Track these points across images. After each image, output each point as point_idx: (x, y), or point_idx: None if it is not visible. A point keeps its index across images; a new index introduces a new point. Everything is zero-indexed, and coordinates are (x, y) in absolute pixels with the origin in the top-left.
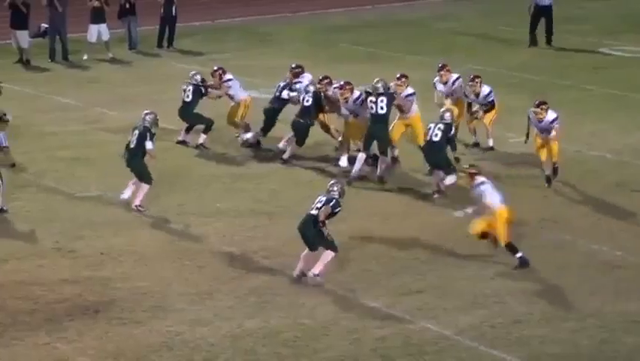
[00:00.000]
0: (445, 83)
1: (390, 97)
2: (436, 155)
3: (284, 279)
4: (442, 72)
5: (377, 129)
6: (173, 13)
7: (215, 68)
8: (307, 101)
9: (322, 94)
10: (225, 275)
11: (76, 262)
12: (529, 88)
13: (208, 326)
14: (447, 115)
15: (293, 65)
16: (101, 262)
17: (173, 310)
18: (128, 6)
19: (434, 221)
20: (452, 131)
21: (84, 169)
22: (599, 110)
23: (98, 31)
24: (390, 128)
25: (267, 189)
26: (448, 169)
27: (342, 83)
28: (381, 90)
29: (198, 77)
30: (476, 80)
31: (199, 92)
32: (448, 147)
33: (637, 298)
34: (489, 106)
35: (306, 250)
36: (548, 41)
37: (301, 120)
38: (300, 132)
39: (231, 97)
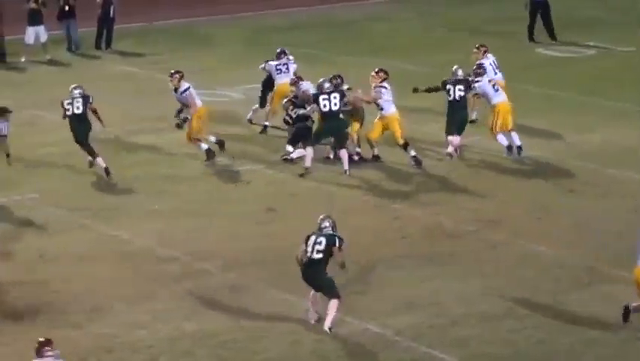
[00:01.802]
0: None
1: (342, 94)
2: (461, 113)
3: (222, 280)
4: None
5: (333, 125)
6: (111, 15)
7: (173, 71)
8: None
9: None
10: (163, 277)
11: (13, 265)
12: None
13: (146, 328)
14: (459, 72)
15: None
16: (39, 264)
17: (111, 312)
18: (67, 8)
19: (371, 224)
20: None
21: (17, 171)
22: (535, 109)
23: (35, 33)
24: (372, 127)
25: (202, 191)
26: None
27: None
28: (331, 88)
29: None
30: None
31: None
32: None
33: (574, 299)
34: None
35: (312, 291)
36: (551, 36)
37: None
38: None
39: (193, 107)
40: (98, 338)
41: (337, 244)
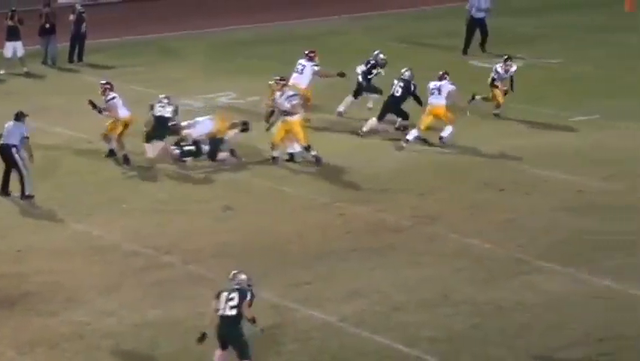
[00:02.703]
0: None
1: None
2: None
3: (184, 272)
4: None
5: None
6: (82, 30)
7: (103, 81)
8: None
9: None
10: (131, 269)
11: None
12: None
13: (115, 316)
14: (407, 73)
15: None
16: (17, 258)
17: (83, 302)
18: (48, 26)
19: (318, 221)
20: (413, 88)
21: None
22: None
23: (13, 48)
24: (274, 130)
25: (166, 191)
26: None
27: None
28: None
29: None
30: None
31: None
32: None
33: (504, 287)
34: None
35: (219, 351)
36: (482, 48)
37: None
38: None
39: (112, 113)
40: (71, 325)
41: (248, 299)
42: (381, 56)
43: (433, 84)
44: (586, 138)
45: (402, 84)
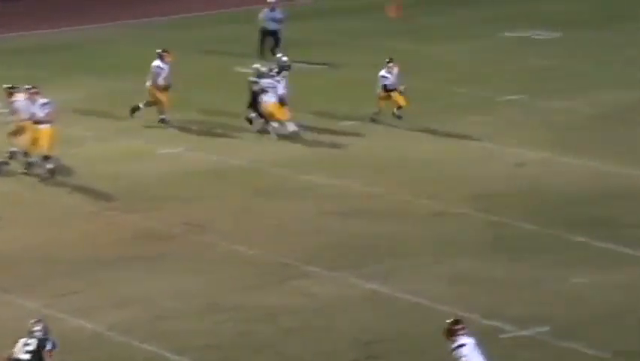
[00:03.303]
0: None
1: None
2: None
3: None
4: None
5: None
6: None
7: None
8: None
9: None
10: None
11: None
12: (175, 104)
13: None
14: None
15: None
16: None
17: None
18: None
19: (89, 227)
20: None
21: None
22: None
23: None
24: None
25: None
26: None
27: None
28: None
29: None
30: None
31: None
32: None
33: (273, 292)
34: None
35: None
36: (273, 53)
37: None
38: None
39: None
40: None
41: (49, 348)
42: (284, 59)
43: (269, 81)
44: (350, 142)
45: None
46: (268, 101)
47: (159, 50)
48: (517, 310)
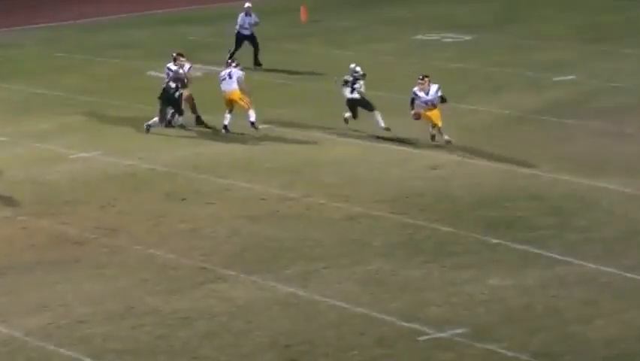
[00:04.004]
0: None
1: None
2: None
3: None
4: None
5: None
6: None
7: None
8: None
9: None
10: None
11: None
12: (87, 108)
13: None
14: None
15: None
16: None
17: None
18: None
19: (3, 232)
20: None
21: None
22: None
23: None
24: None
25: None
26: None
27: None
28: None
29: None
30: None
31: None
32: None
33: (189, 296)
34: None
35: None
36: (256, 63)
37: None
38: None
39: None
40: None
41: None
42: (358, 68)
43: (223, 72)
44: (263, 146)
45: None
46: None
47: (174, 53)
48: (435, 313)
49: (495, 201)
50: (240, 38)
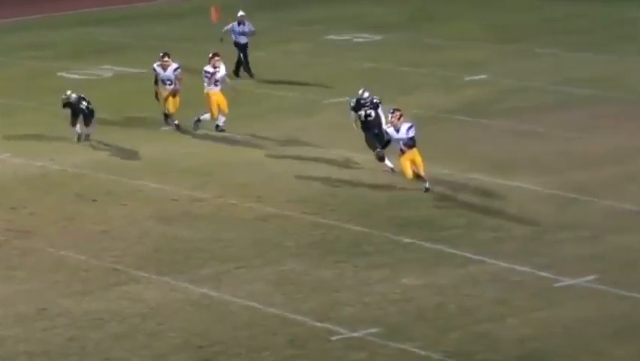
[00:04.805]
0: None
1: None
2: None
3: None
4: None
5: None
6: None
7: None
8: None
9: None
10: None
11: None
12: None
13: None
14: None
15: None
16: None
17: None
18: None
19: None
20: None
21: None
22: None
23: None
24: None
25: None
26: None
27: None
28: None
29: None
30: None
31: None
32: None
33: (101, 298)
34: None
35: None
36: (241, 71)
37: None
38: None
39: None
40: None
41: None
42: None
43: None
44: (173, 147)
45: None
46: None
47: (210, 54)
48: (348, 312)
49: (406, 201)
50: (240, 47)
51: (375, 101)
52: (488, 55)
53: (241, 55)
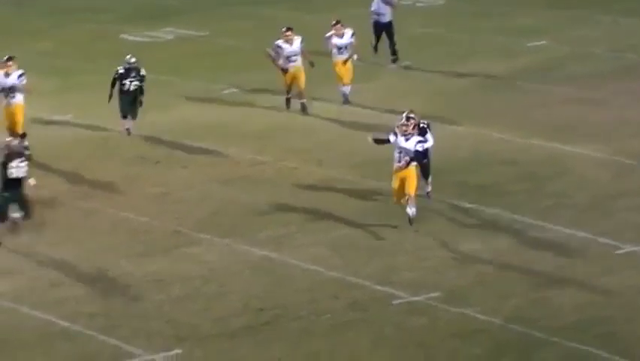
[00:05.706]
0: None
1: None
2: None
3: None
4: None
5: None
6: None
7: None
8: None
9: None
10: None
11: None
12: (60, 71)
13: None
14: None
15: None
16: None
17: None
18: None
19: None
20: None
21: None
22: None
23: None
24: None
25: None
26: None
27: None
28: None
29: None
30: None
31: None
32: None
33: (162, 260)
34: None
35: None
36: (393, 55)
37: None
38: None
39: None
40: None
41: None
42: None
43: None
44: (234, 111)
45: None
46: None
47: (283, 29)
48: (407, 277)
49: (468, 166)
50: (378, 28)
51: (422, 125)
52: (548, 21)
53: (381, 33)
